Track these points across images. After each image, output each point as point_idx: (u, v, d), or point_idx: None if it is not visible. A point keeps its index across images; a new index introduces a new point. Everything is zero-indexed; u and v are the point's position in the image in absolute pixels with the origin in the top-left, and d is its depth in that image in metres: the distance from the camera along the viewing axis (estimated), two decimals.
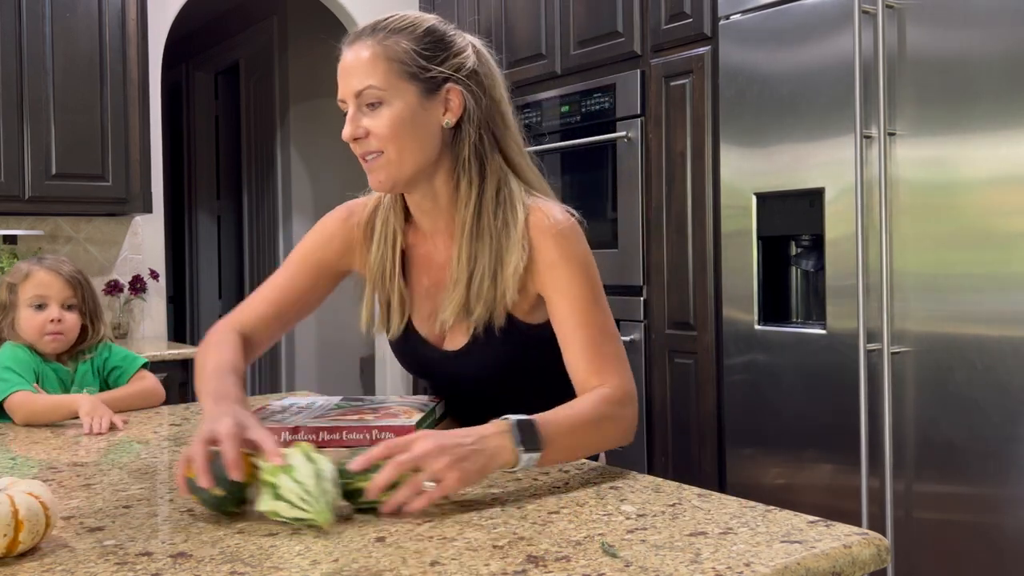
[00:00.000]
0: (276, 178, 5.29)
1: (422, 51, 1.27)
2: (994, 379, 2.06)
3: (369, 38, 1.27)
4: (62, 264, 1.83)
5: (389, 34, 1.27)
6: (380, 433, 1.23)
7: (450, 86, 1.28)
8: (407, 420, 1.26)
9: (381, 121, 1.25)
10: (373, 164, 1.27)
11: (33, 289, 1.77)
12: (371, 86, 1.24)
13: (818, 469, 2.41)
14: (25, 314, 1.77)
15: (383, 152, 1.26)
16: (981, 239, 2.07)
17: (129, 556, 0.91)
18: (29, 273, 1.79)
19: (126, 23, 3.32)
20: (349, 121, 1.27)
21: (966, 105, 2.09)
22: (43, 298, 1.77)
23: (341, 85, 1.28)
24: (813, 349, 2.42)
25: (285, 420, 1.29)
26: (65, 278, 1.79)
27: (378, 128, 1.25)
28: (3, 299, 1.79)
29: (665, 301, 2.90)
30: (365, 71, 1.25)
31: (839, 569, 0.89)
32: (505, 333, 1.30)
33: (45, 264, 1.81)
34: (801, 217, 2.47)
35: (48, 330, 1.76)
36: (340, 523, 1.00)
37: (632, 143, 2.98)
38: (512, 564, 0.86)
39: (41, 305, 1.77)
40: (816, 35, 2.40)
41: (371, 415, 1.30)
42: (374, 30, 1.28)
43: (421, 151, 1.27)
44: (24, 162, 3.14)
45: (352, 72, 1.26)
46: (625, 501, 1.08)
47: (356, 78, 1.26)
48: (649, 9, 2.95)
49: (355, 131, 1.26)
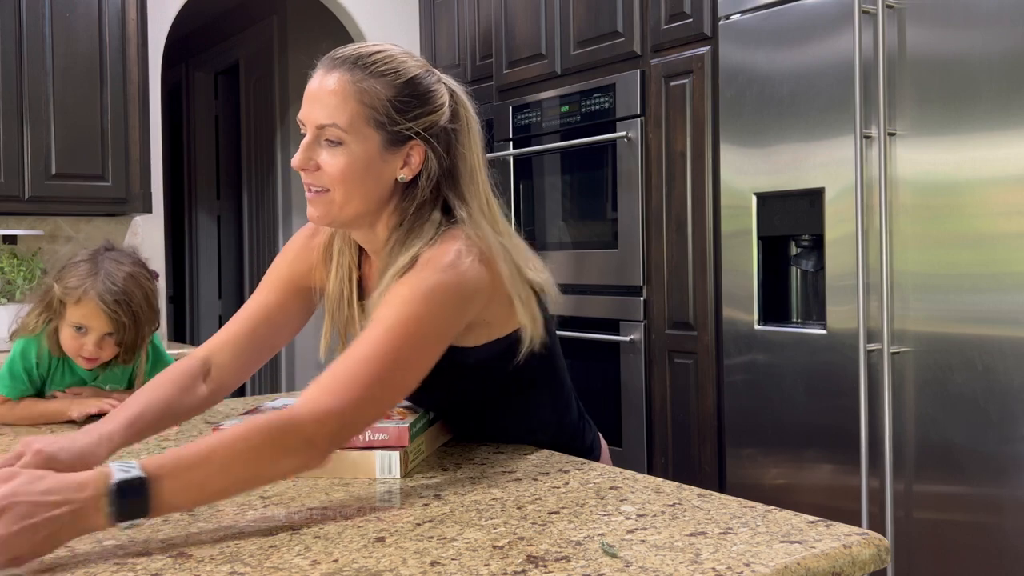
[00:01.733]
0: (276, 178, 5.29)
1: (397, 103, 1.21)
2: (994, 379, 2.06)
3: (348, 73, 1.20)
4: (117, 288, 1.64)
5: (368, 76, 1.20)
6: (374, 434, 1.23)
7: (414, 143, 1.23)
8: (400, 421, 1.26)
9: (336, 162, 1.20)
10: (316, 198, 1.22)
11: (79, 315, 1.65)
12: (336, 125, 1.19)
13: (818, 469, 2.41)
14: (67, 332, 1.68)
15: (329, 191, 1.21)
16: (981, 239, 2.07)
17: (129, 556, 0.91)
18: (81, 298, 1.64)
19: (126, 23, 3.32)
20: (303, 150, 1.21)
21: (966, 105, 2.09)
22: (86, 327, 1.66)
23: (306, 108, 1.22)
24: (813, 349, 2.42)
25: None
26: (109, 315, 1.64)
27: (331, 169, 1.20)
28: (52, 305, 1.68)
29: (665, 301, 2.90)
30: (333, 108, 1.19)
31: (839, 569, 0.89)
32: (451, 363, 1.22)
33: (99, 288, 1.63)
34: (801, 217, 2.47)
35: (83, 354, 1.69)
36: (339, 523, 1.01)
37: (632, 143, 2.98)
38: (512, 564, 0.86)
39: (82, 328, 1.67)
40: (816, 35, 2.40)
41: None
42: (355, 64, 1.21)
43: (367, 199, 1.22)
44: (24, 162, 3.14)
45: (319, 102, 1.20)
46: (625, 501, 1.08)
47: (323, 111, 1.19)
48: (649, 9, 2.95)
49: (305, 163, 1.21)
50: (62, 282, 1.66)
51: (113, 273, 1.65)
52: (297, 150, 1.23)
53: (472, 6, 3.76)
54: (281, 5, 5.20)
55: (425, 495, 1.12)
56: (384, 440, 1.23)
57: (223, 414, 1.75)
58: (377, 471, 1.22)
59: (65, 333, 1.68)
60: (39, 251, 3.40)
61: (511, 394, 1.34)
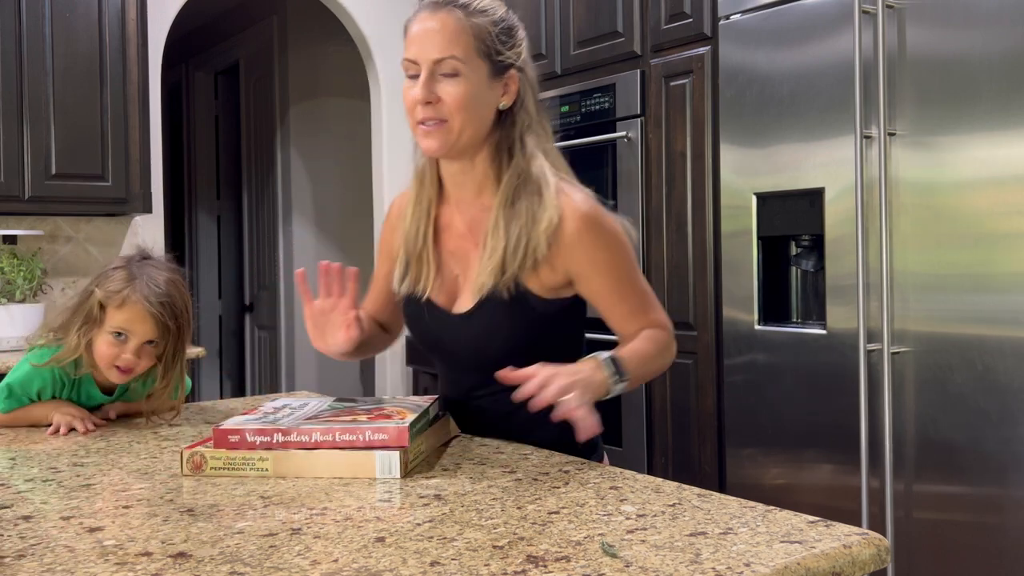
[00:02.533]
0: (276, 178, 5.29)
1: (498, 36, 1.36)
2: (994, 379, 2.06)
3: (457, 10, 1.33)
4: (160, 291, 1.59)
5: (474, 12, 1.34)
6: (374, 434, 1.23)
7: (512, 72, 1.38)
8: (400, 421, 1.26)
9: (456, 91, 1.32)
10: (433, 130, 1.35)
11: (121, 319, 1.57)
12: (454, 56, 1.31)
13: (818, 469, 2.41)
14: (104, 340, 1.58)
15: (446, 121, 1.34)
16: (981, 239, 2.07)
17: (129, 556, 0.91)
18: (125, 300, 1.57)
19: (126, 23, 3.32)
20: (423, 85, 1.32)
21: (966, 105, 2.09)
22: (127, 332, 1.58)
23: (416, 47, 1.33)
24: (813, 349, 2.42)
25: (278, 421, 1.30)
26: (155, 317, 1.58)
27: (451, 98, 1.32)
28: (91, 311, 1.59)
29: (665, 301, 2.90)
30: (450, 41, 1.32)
31: (839, 569, 0.89)
32: (515, 301, 1.37)
33: (143, 291, 1.58)
34: (801, 217, 2.47)
35: (120, 363, 1.59)
36: (339, 523, 1.01)
37: (632, 143, 2.98)
38: (512, 564, 0.86)
39: (121, 334, 1.58)
40: (816, 35, 2.40)
41: (364, 416, 1.31)
42: (456, 6, 1.34)
43: (478, 126, 1.36)
44: (24, 162, 3.14)
45: (434, 38, 1.32)
46: (625, 501, 1.08)
47: (438, 46, 1.32)
48: (649, 9, 2.96)
49: (428, 96, 1.32)
50: (103, 287, 1.59)
51: (154, 277, 1.61)
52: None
53: None
54: (281, 5, 5.20)
55: (425, 495, 1.13)
56: (384, 440, 1.23)
57: (223, 414, 1.76)
58: (377, 471, 1.22)
59: (102, 341, 1.58)
60: (39, 251, 3.40)
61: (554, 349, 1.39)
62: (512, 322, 1.38)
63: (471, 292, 1.40)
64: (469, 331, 1.41)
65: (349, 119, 5.31)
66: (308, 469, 1.23)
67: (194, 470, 1.25)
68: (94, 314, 1.59)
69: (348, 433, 1.24)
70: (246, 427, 1.27)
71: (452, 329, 1.43)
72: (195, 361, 5.23)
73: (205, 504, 1.10)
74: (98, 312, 1.59)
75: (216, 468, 1.24)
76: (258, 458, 1.24)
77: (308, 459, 1.23)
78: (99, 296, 1.58)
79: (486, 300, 1.38)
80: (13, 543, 0.95)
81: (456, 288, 1.44)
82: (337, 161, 5.30)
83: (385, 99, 4.21)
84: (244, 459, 1.24)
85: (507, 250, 1.36)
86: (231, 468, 1.24)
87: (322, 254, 5.28)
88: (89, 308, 1.59)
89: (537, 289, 1.38)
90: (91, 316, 1.59)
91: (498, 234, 1.37)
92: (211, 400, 2.00)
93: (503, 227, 1.37)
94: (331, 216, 5.30)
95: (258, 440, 1.25)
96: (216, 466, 1.24)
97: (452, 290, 1.45)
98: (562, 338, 1.46)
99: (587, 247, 1.36)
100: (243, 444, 1.25)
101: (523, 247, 1.36)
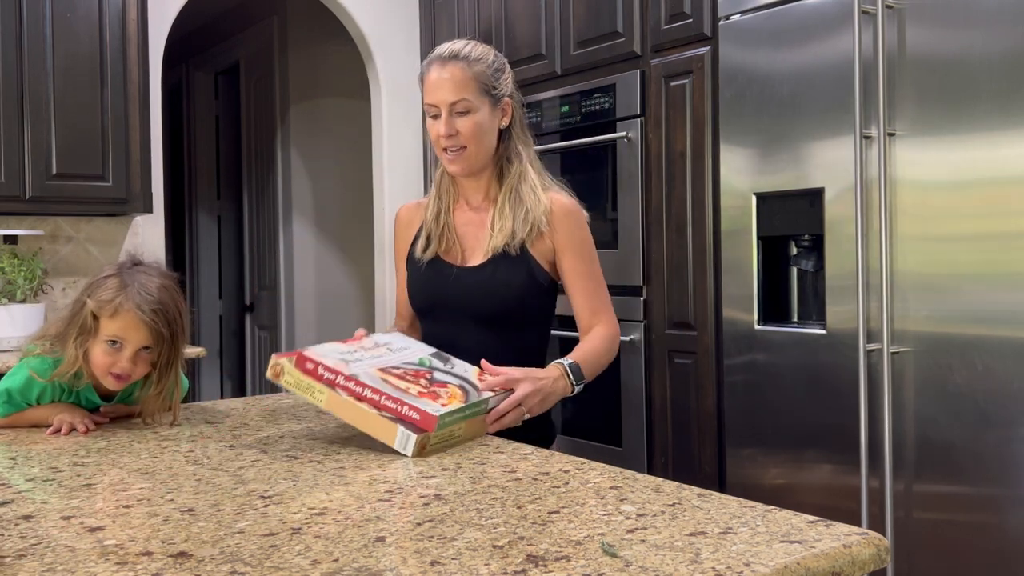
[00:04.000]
0: (276, 178, 5.29)
1: (492, 75, 1.75)
2: (994, 379, 2.06)
3: (460, 62, 1.72)
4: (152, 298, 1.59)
5: (474, 62, 1.73)
6: (410, 411, 1.36)
7: (506, 99, 1.78)
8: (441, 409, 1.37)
9: (469, 125, 1.72)
10: (456, 156, 1.74)
11: (115, 328, 1.57)
12: (465, 99, 1.71)
13: (818, 469, 2.41)
14: (99, 349, 1.58)
15: (466, 148, 1.73)
16: (981, 239, 2.07)
17: (129, 556, 0.91)
18: (118, 309, 1.57)
19: (126, 23, 3.32)
20: (444, 123, 1.72)
21: (966, 105, 2.09)
22: (122, 340, 1.58)
23: (435, 94, 1.72)
24: (813, 349, 2.42)
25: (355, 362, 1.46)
26: (148, 324, 1.58)
27: (466, 130, 1.72)
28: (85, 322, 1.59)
29: (665, 301, 2.90)
30: (459, 87, 1.71)
31: (839, 569, 0.89)
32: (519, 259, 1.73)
33: (135, 299, 1.57)
34: (801, 217, 2.47)
35: (116, 370, 1.59)
36: (339, 523, 1.01)
37: (632, 143, 2.98)
38: (512, 564, 0.87)
39: (116, 342, 1.58)
40: (816, 35, 2.40)
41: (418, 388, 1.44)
42: (459, 57, 1.73)
43: (488, 146, 1.76)
44: (24, 162, 3.14)
45: (447, 86, 1.71)
46: (625, 501, 1.08)
47: (452, 92, 1.71)
48: (649, 9, 2.96)
49: (450, 131, 1.72)
50: (95, 297, 1.59)
51: (145, 284, 1.60)
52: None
53: (472, 6, 3.76)
54: (281, 5, 5.20)
55: (425, 495, 1.13)
56: (414, 419, 1.34)
57: (223, 413, 1.76)
58: (396, 442, 1.35)
59: (97, 350, 1.58)
60: (39, 251, 3.40)
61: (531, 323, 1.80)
62: (511, 275, 1.73)
63: (481, 252, 1.76)
64: (476, 279, 1.74)
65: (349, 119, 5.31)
66: (349, 416, 1.41)
67: (274, 377, 1.48)
68: (88, 324, 1.58)
69: (392, 401, 1.38)
70: (323, 359, 1.45)
71: (459, 279, 1.75)
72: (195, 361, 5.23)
73: (206, 504, 1.10)
74: (91, 322, 1.58)
75: (288, 383, 1.47)
76: (318, 389, 1.43)
77: (352, 408, 1.40)
78: (91, 307, 1.58)
79: (496, 257, 1.74)
80: (13, 543, 0.95)
81: (463, 253, 1.79)
82: (337, 161, 5.30)
83: (385, 99, 4.21)
84: (309, 385, 1.44)
85: (515, 222, 1.73)
86: (299, 388, 1.46)
87: (322, 254, 5.28)
88: (83, 319, 1.58)
89: (536, 255, 1.75)
90: (85, 327, 1.58)
91: (505, 214, 1.75)
92: (211, 400, 2.00)
93: (509, 210, 1.75)
94: (331, 216, 5.30)
95: (325, 375, 1.43)
96: (288, 381, 1.46)
97: (460, 254, 1.79)
98: (538, 311, 1.79)
99: (571, 226, 1.76)
100: (313, 373, 1.44)
101: (530, 221, 1.73)
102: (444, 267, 1.78)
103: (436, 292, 1.79)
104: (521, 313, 1.76)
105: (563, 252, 1.75)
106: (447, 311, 1.78)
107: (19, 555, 0.91)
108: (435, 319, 1.81)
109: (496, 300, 1.73)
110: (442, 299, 1.78)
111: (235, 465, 1.32)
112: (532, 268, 1.74)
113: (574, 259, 1.75)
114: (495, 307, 1.73)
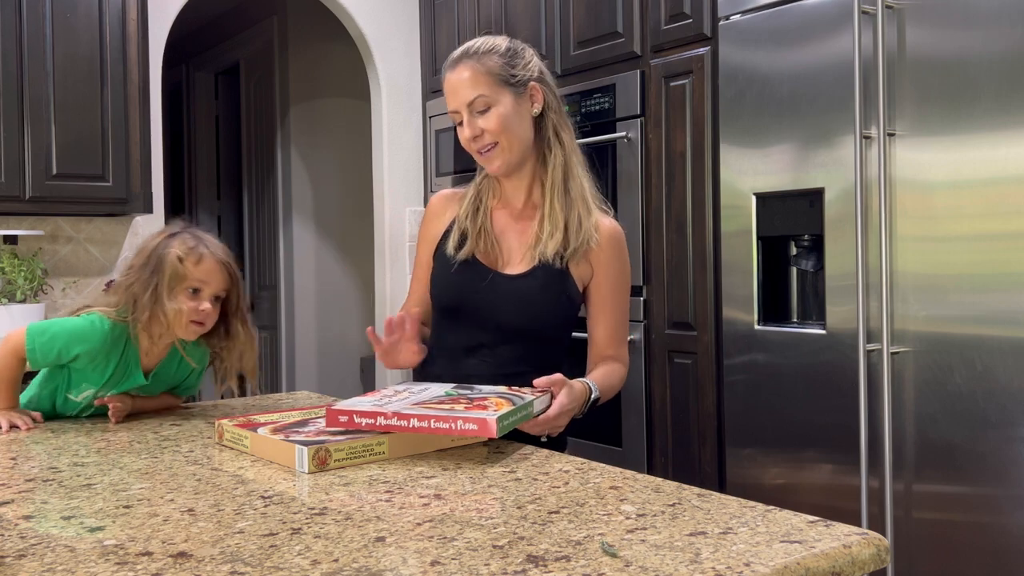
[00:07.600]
0: (276, 178, 5.29)
1: (506, 63, 1.64)
2: (994, 379, 2.06)
3: (468, 60, 1.64)
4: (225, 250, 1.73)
5: (481, 56, 1.64)
6: (464, 423, 1.30)
7: (532, 84, 1.66)
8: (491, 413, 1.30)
9: (493, 119, 1.62)
10: (489, 155, 1.65)
11: (201, 272, 1.66)
12: (481, 95, 1.62)
13: (818, 469, 2.41)
14: (182, 298, 1.66)
15: (497, 143, 1.63)
16: (981, 239, 2.07)
17: (129, 556, 0.91)
18: (202, 255, 1.67)
19: (126, 23, 3.32)
20: (467, 126, 1.64)
21: (966, 105, 2.09)
22: (203, 286, 1.67)
23: (452, 99, 1.65)
24: (813, 349, 2.42)
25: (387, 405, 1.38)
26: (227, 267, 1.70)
27: (491, 125, 1.62)
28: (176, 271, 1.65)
29: (665, 301, 2.90)
30: (472, 85, 1.62)
31: (839, 569, 0.89)
32: (561, 274, 1.65)
33: (212, 247, 1.70)
34: (801, 217, 2.47)
35: (198, 317, 1.66)
36: (339, 523, 1.01)
37: (632, 143, 2.98)
38: (512, 564, 0.87)
39: (196, 290, 1.67)
40: (816, 35, 2.40)
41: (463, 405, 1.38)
42: (468, 55, 1.65)
43: (523, 136, 1.66)
44: (24, 162, 3.14)
45: (460, 87, 1.63)
46: (625, 501, 1.08)
47: (466, 91, 1.62)
48: (649, 9, 2.96)
49: (474, 131, 1.63)
50: (177, 248, 1.67)
51: (208, 236, 1.74)
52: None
53: (472, 6, 3.76)
54: (281, 5, 5.20)
55: (425, 495, 1.13)
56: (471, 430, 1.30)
57: (224, 413, 1.76)
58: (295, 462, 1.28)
59: (180, 299, 1.65)
60: (39, 251, 3.41)
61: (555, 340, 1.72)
62: (552, 289, 1.64)
63: (523, 258, 1.67)
64: (514, 287, 1.65)
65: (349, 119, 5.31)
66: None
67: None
68: (179, 271, 1.65)
69: (444, 422, 1.32)
70: (357, 407, 1.36)
71: (495, 285, 1.66)
72: None
73: (206, 504, 1.10)
74: (178, 269, 1.65)
75: (339, 460, 1.30)
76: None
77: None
78: (177, 253, 1.66)
79: (540, 267, 1.64)
80: (13, 543, 0.95)
81: (501, 257, 1.70)
82: (337, 161, 5.30)
83: (385, 99, 4.21)
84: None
85: (569, 230, 1.64)
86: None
87: (322, 254, 5.28)
88: (171, 268, 1.66)
89: (574, 274, 1.67)
90: (177, 274, 1.65)
91: (555, 216, 1.65)
92: (211, 400, 2.01)
93: (560, 210, 1.65)
94: (331, 216, 5.30)
95: (364, 422, 1.34)
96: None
97: (498, 258, 1.70)
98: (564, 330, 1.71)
99: (614, 254, 1.69)
100: (350, 424, 1.35)
101: (584, 232, 1.64)
102: (480, 270, 1.68)
103: (467, 295, 1.68)
104: (552, 329, 1.69)
105: (602, 279, 1.68)
106: (475, 315, 1.68)
107: (19, 555, 0.91)
108: (458, 320, 1.70)
109: (532, 312, 1.65)
110: (472, 303, 1.68)
111: (235, 465, 1.32)
112: (569, 286, 1.66)
113: (610, 289, 1.69)
114: (529, 319, 1.65)
